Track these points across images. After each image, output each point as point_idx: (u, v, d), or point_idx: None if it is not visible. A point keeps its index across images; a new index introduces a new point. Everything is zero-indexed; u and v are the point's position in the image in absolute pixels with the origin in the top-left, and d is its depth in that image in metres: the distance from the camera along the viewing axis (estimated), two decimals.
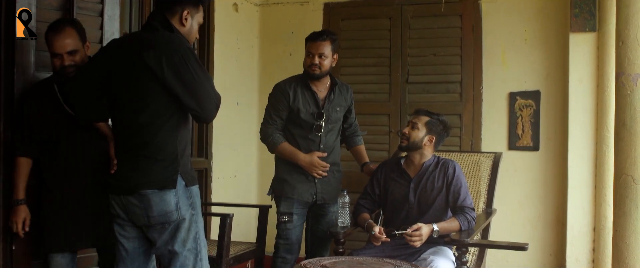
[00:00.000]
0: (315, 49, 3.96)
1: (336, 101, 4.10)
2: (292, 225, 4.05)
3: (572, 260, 4.88)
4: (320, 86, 4.07)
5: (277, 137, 4.03)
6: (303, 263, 3.27)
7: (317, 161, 4.01)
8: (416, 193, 3.90)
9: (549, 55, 5.10)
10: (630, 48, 3.45)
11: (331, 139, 4.11)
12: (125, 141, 2.84)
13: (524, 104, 5.15)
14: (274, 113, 4.05)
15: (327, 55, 3.96)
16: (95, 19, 3.44)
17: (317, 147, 4.05)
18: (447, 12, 5.31)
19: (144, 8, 4.58)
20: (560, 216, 5.04)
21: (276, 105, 4.05)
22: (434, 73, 5.36)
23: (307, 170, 4.02)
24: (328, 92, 4.08)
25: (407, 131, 3.91)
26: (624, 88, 3.45)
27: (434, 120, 3.90)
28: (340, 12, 5.63)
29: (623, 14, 3.50)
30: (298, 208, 4.07)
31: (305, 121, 4.02)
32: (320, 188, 4.09)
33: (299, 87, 4.03)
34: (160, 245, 2.85)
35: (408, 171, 3.97)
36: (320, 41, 3.97)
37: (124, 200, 2.82)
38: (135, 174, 2.78)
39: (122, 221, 2.89)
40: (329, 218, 4.17)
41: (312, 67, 3.97)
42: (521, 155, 5.17)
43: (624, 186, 3.45)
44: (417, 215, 3.90)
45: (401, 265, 3.26)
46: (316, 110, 4.02)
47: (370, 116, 5.50)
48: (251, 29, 5.77)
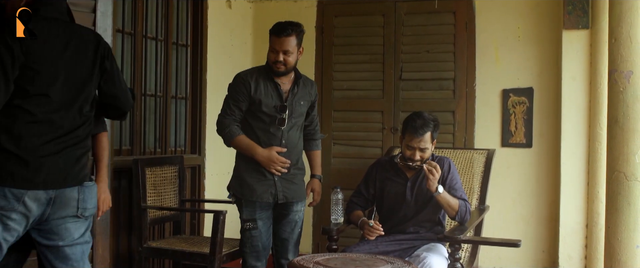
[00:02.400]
0: (279, 45, 3.69)
1: (300, 94, 3.84)
2: (258, 232, 3.79)
3: (565, 257, 4.89)
4: (284, 78, 3.81)
5: (234, 129, 3.77)
6: (296, 260, 3.28)
7: (275, 156, 3.72)
8: (413, 192, 3.91)
9: (542, 52, 5.12)
10: (622, 45, 3.46)
11: (294, 135, 3.84)
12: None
13: (517, 101, 5.16)
14: (233, 103, 3.77)
15: (292, 51, 3.70)
16: (88, 15, 3.42)
17: (278, 142, 3.76)
18: (441, 9, 5.31)
19: (137, 4, 4.57)
20: (553, 213, 5.05)
21: (235, 95, 3.78)
22: (427, 70, 5.37)
23: (265, 165, 3.74)
24: (292, 85, 3.82)
25: (420, 157, 3.81)
26: (617, 85, 3.47)
27: (432, 126, 3.82)
28: (334, 9, 5.63)
29: (616, 11, 3.51)
30: (261, 212, 3.79)
31: (267, 114, 3.75)
32: (281, 186, 3.78)
33: (262, 79, 3.77)
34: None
35: (404, 169, 3.97)
36: (284, 36, 3.69)
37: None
38: None
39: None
40: (291, 219, 3.87)
41: (277, 64, 3.71)
42: (514, 152, 5.18)
43: (616, 183, 3.46)
44: (414, 213, 3.92)
45: (394, 262, 3.26)
46: (279, 103, 3.76)
47: (364, 113, 5.51)
48: (244, 26, 5.76)
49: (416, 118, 3.81)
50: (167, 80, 4.87)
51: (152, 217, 4.38)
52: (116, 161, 4.25)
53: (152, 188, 4.39)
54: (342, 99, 5.59)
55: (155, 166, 4.44)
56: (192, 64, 5.12)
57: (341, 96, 5.60)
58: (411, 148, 3.81)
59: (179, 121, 5.04)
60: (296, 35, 3.72)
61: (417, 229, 3.92)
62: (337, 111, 5.61)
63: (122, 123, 4.45)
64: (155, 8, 4.78)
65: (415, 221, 3.92)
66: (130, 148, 4.55)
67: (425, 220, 3.93)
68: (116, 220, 4.30)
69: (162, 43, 4.84)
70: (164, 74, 4.84)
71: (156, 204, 4.42)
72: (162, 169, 4.50)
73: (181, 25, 5.04)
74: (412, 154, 3.81)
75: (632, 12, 3.45)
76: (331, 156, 5.60)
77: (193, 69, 5.12)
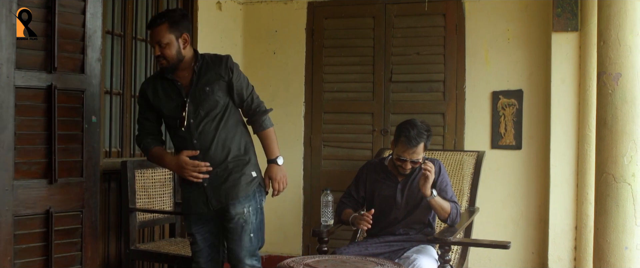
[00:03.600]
0: (152, 38, 3.32)
1: (204, 80, 3.35)
2: (197, 247, 3.50)
3: (554, 258, 4.91)
4: (181, 72, 3.38)
5: (148, 142, 3.47)
6: (286, 262, 3.27)
7: (184, 161, 3.33)
8: (403, 194, 3.92)
9: (532, 54, 5.13)
10: (611, 47, 3.47)
11: (209, 131, 3.35)
12: None
13: (506, 103, 5.17)
14: (141, 116, 3.51)
15: (167, 41, 3.26)
16: (78, 16, 3.41)
17: (191, 144, 3.36)
18: (431, 12, 5.32)
19: (126, 5, 4.55)
20: (542, 215, 5.07)
21: (140, 108, 3.54)
22: (417, 72, 5.38)
23: (178, 174, 3.44)
24: (191, 75, 3.38)
25: (410, 167, 3.80)
26: (606, 87, 3.48)
27: (425, 137, 3.78)
28: (324, 11, 5.63)
29: (604, 13, 3.52)
30: (198, 226, 3.48)
31: (171, 118, 3.40)
32: (210, 192, 3.39)
33: (159, 82, 3.42)
34: None
35: (394, 172, 3.97)
36: (154, 27, 3.30)
37: None
38: None
39: None
40: (234, 224, 3.38)
41: (158, 60, 3.33)
42: (504, 154, 5.19)
43: (605, 184, 3.47)
44: (405, 215, 3.93)
45: (384, 264, 3.26)
46: (180, 100, 3.38)
47: (354, 115, 5.51)
48: (235, 28, 5.75)
49: (410, 127, 3.74)
50: None
51: (142, 220, 4.37)
52: (105, 163, 4.23)
53: (142, 190, 4.37)
54: (332, 101, 5.59)
55: (146, 169, 4.42)
56: None
57: (331, 97, 5.60)
58: (402, 160, 3.78)
59: None
60: (168, 24, 3.27)
61: (407, 231, 3.92)
62: (327, 113, 5.61)
63: (111, 125, 4.44)
64: (145, 9, 4.77)
65: (405, 223, 3.93)
66: (120, 150, 4.53)
67: (415, 221, 3.94)
68: (106, 223, 4.29)
69: None
70: None
71: (147, 207, 4.40)
72: (153, 171, 4.48)
73: None
74: (403, 165, 3.79)
75: (620, 15, 3.45)
76: (321, 158, 5.60)
77: None
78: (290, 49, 5.73)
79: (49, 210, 3.29)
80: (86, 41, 3.44)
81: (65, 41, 3.35)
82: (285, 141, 5.70)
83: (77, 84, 3.40)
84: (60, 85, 3.31)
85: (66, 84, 3.34)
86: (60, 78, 3.32)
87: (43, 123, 3.28)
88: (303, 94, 5.67)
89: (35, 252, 3.27)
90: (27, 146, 3.23)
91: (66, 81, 3.34)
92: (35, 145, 3.26)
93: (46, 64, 3.27)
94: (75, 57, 3.41)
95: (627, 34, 3.44)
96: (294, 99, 5.70)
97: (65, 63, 3.36)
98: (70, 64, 3.39)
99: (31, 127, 3.25)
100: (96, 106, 3.50)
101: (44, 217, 3.29)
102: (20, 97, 3.18)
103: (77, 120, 3.43)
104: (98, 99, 3.53)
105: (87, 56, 3.45)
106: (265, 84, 5.74)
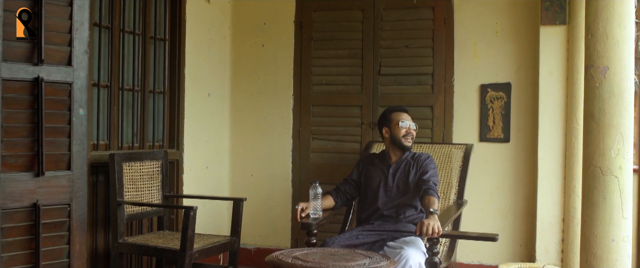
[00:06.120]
0: None
1: None
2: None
3: (542, 251, 4.94)
4: None
5: None
6: (275, 254, 3.28)
7: None
8: (395, 178, 4.15)
9: (520, 47, 5.15)
10: (599, 41, 3.48)
11: None
12: None
13: (495, 96, 5.19)
14: None
15: None
16: (64, 8, 3.39)
17: None
18: (419, 5, 5.32)
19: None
20: (530, 207, 5.09)
21: None
22: (405, 65, 5.38)
23: None
24: None
25: (413, 131, 4.25)
26: (593, 80, 3.49)
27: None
28: (313, 4, 5.62)
29: (592, 7, 3.53)
30: None
31: None
32: None
33: None
34: None
35: (390, 156, 4.26)
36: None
37: None
38: None
39: None
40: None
41: None
42: (492, 147, 5.21)
43: (592, 177, 3.49)
44: (395, 198, 4.12)
45: (372, 256, 3.28)
46: None
47: (343, 108, 5.51)
48: (223, 21, 5.73)
49: (393, 106, 4.37)
50: (145, 74, 4.83)
51: (130, 213, 4.35)
52: (93, 156, 4.22)
53: (130, 183, 4.36)
54: (321, 94, 5.59)
55: (134, 161, 4.41)
56: (170, 59, 5.09)
57: (320, 90, 5.59)
58: (404, 124, 4.18)
59: (157, 116, 5.01)
60: None
61: (399, 213, 4.08)
62: (315, 106, 5.60)
63: (99, 117, 4.42)
64: (133, 2, 4.74)
65: (396, 205, 4.11)
66: (108, 143, 4.51)
67: (405, 204, 4.12)
68: (94, 216, 4.27)
69: (140, 37, 4.80)
70: (141, 69, 4.80)
71: (135, 199, 4.38)
72: (141, 164, 4.46)
73: (159, 20, 5.01)
74: (408, 129, 4.19)
75: (608, 8, 3.47)
76: (310, 150, 5.60)
77: (171, 64, 5.09)
78: (279, 42, 5.71)
79: (36, 203, 3.28)
80: (73, 33, 3.41)
81: (52, 33, 3.32)
82: (274, 134, 5.70)
83: (64, 76, 3.38)
84: (47, 77, 3.29)
85: (53, 77, 3.32)
86: (47, 70, 3.30)
87: (30, 115, 3.26)
88: (292, 87, 5.67)
89: (22, 245, 3.25)
90: (14, 139, 3.21)
91: (53, 73, 3.32)
92: (22, 138, 3.24)
93: (33, 57, 3.25)
94: (63, 49, 3.39)
95: (614, 27, 3.45)
96: (283, 92, 5.69)
97: (52, 55, 3.33)
98: (57, 56, 3.36)
99: (18, 120, 3.23)
100: (84, 99, 3.48)
101: (31, 210, 3.27)
102: (6, 89, 3.16)
103: (65, 113, 3.41)
104: (85, 91, 3.50)
105: (75, 48, 3.42)
106: (253, 77, 5.74)
